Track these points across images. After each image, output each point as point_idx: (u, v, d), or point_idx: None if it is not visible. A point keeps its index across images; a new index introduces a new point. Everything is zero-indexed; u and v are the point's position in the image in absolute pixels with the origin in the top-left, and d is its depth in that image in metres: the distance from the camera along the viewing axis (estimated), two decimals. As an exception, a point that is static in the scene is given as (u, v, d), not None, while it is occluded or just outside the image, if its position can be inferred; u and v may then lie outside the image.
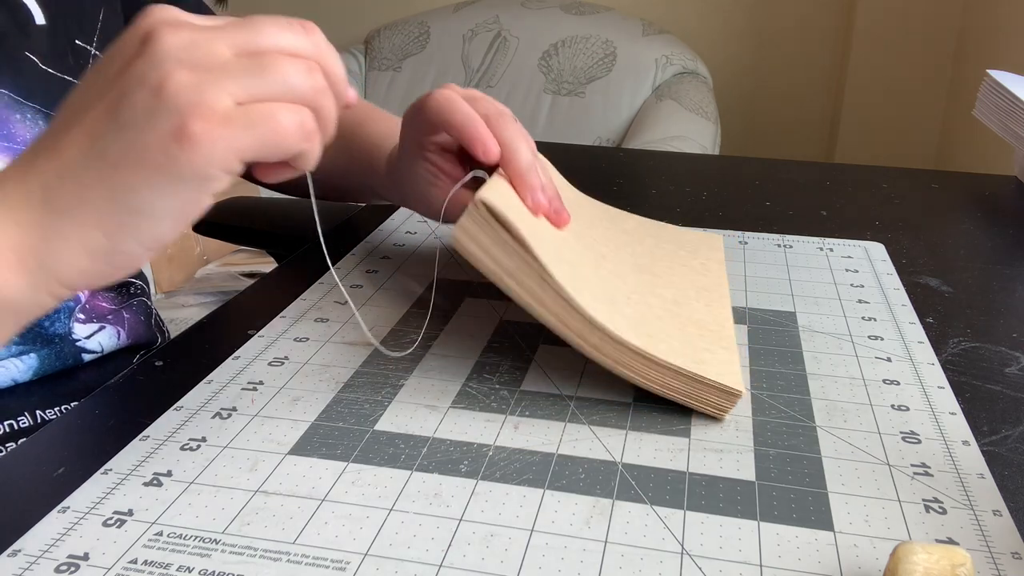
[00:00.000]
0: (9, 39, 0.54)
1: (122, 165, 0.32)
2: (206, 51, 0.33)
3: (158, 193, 0.33)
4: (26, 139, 0.55)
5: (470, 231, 0.42)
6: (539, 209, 0.48)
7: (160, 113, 0.32)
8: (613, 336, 0.42)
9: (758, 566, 0.33)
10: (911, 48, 2.08)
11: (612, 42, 2.02)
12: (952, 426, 0.42)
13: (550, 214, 0.48)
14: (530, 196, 0.47)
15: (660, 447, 0.41)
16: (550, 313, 0.43)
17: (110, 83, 0.33)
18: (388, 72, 2.16)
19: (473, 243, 0.43)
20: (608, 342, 0.43)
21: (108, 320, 0.62)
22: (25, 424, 0.56)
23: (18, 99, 0.54)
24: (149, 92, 0.32)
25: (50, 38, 0.56)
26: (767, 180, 0.86)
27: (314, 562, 0.33)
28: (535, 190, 0.48)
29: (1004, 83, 0.84)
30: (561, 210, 0.49)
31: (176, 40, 0.32)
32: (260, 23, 0.35)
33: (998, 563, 0.33)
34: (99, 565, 0.33)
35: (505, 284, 0.43)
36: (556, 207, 0.49)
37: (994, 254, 0.67)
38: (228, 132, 0.32)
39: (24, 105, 0.55)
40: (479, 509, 0.36)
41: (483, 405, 0.44)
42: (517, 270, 0.42)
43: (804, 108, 2.28)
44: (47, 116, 0.56)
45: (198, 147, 0.32)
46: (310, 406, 0.44)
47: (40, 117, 0.56)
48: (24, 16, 0.55)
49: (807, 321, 0.54)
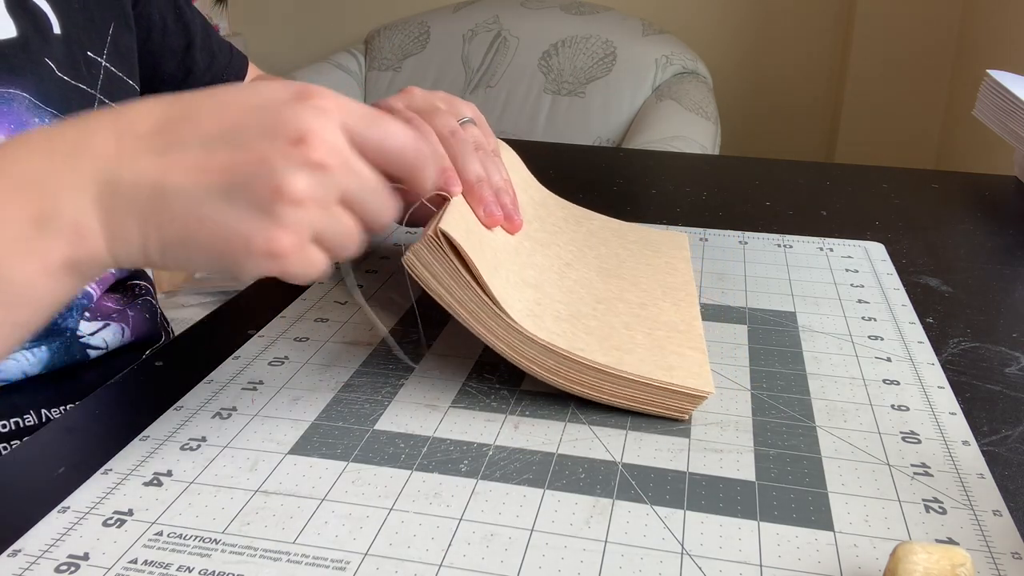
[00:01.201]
0: (31, 44, 0.55)
1: (205, 230, 0.34)
2: (333, 188, 0.35)
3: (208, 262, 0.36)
4: None
5: (424, 259, 0.43)
6: (492, 221, 0.48)
7: (264, 218, 0.34)
8: (572, 358, 0.42)
9: (758, 566, 0.33)
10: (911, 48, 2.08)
11: (612, 42, 2.02)
12: (952, 426, 0.42)
13: (502, 223, 0.49)
14: (481, 209, 0.48)
15: (660, 447, 0.41)
16: (501, 342, 0.43)
17: (249, 141, 0.35)
18: (388, 72, 2.16)
19: (426, 271, 0.43)
20: (565, 364, 0.43)
21: (113, 318, 0.62)
22: (31, 422, 0.57)
23: (37, 103, 0.55)
24: (268, 190, 0.34)
25: (65, 47, 0.57)
26: (767, 180, 0.86)
27: (314, 562, 0.33)
28: (486, 203, 0.48)
29: (1004, 83, 0.84)
30: (512, 215, 0.50)
31: (322, 156, 0.35)
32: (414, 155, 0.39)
33: (998, 563, 0.33)
34: (99, 565, 0.33)
35: (455, 311, 0.43)
36: (508, 213, 0.49)
37: (994, 254, 0.67)
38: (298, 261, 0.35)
39: (43, 110, 0.55)
40: (479, 509, 0.36)
41: (483, 405, 0.44)
42: (469, 301, 0.43)
43: (804, 108, 2.28)
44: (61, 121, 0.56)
45: (271, 261, 0.35)
46: (310, 406, 0.44)
47: (55, 121, 0.56)
48: (44, 24, 0.56)
49: (807, 321, 0.54)
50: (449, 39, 2.14)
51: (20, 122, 0.54)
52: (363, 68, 2.21)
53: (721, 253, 0.65)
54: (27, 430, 0.56)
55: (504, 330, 0.43)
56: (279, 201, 0.34)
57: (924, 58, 2.08)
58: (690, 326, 0.49)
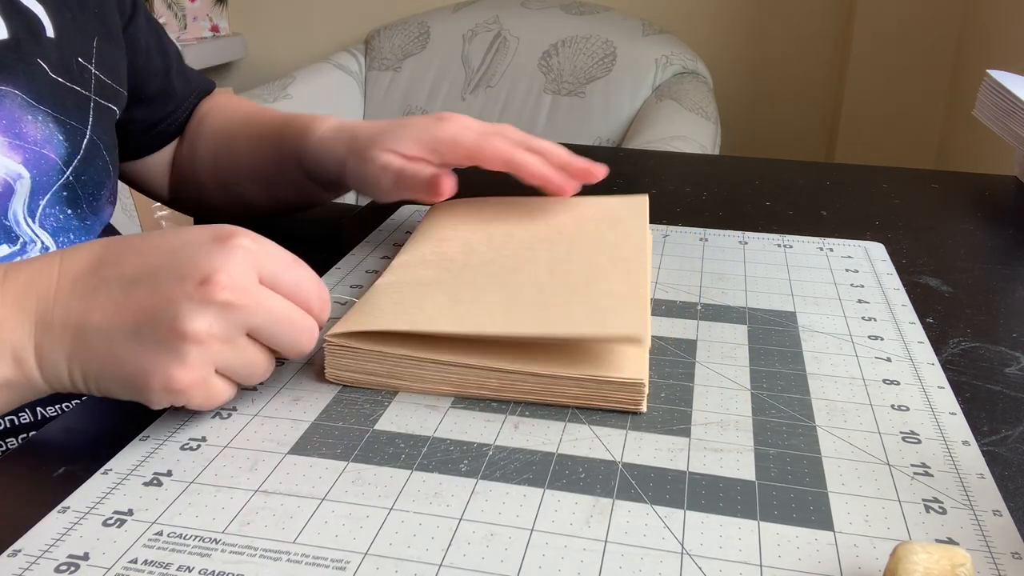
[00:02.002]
0: (24, 45, 0.57)
1: (116, 365, 0.39)
2: (238, 325, 0.39)
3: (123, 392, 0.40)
4: (37, 140, 0.57)
5: (339, 366, 0.45)
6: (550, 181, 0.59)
7: (166, 355, 0.38)
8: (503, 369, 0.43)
9: (758, 566, 0.33)
10: (911, 48, 2.08)
11: (612, 42, 2.02)
12: (952, 426, 0.42)
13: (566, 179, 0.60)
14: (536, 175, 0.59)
15: (660, 447, 0.41)
16: (449, 385, 0.44)
17: (161, 283, 0.39)
18: (388, 72, 2.16)
19: (348, 372, 0.45)
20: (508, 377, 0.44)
21: None
22: (26, 420, 0.57)
23: (30, 101, 0.57)
24: (169, 330, 0.38)
25: (58, 50, 0.59)
26: (767, 180, 0.86)
27: (314, 562, 0.33)
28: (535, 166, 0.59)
29: (1004, 83, 0.84)
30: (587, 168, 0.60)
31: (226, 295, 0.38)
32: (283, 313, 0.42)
33: (998, 563, 0.33)
34: (99, 565, 0.33)
35: (395, 386, 0.45)
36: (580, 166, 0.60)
37: (994, 254, 0.67)
38: (198, 393, 0.39)
39: (36, 108, 0.57)
40: (479, 508, 0.36)
41: (483, 404, 0.44)
42: (396, 367, 0.44)
43: (804, 108, 2.28)
44: (56, 119, 0.58)
45: (171, 396, 0.39)
46: (310, 406, 0.44)
47: (50, 120, 0.58)
48: (37, 27, 0.58)
49: (807, 321, 0.54)
50: (449, 39, 2.14)
51: (13, 118, 0.56)
52: (363, 68, 2.21)
53: (721, 253, 0.65)
54: (23, 428, 0.56)
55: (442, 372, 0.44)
56: (180, 340, 0.38)
57: (924, 58, 2.08)
58: (635, 291, 0.48)
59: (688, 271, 0.61)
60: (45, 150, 0.58)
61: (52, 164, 0.58)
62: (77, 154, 0.60)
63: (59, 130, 0.59)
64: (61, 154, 0.59)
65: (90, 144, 0.61)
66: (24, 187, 0.56)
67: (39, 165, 0.57)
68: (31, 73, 0.57)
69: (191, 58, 2.37)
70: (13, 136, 0.56)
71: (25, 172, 0.56)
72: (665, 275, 0.61)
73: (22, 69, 0.56)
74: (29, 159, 0.57)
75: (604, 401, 0.43)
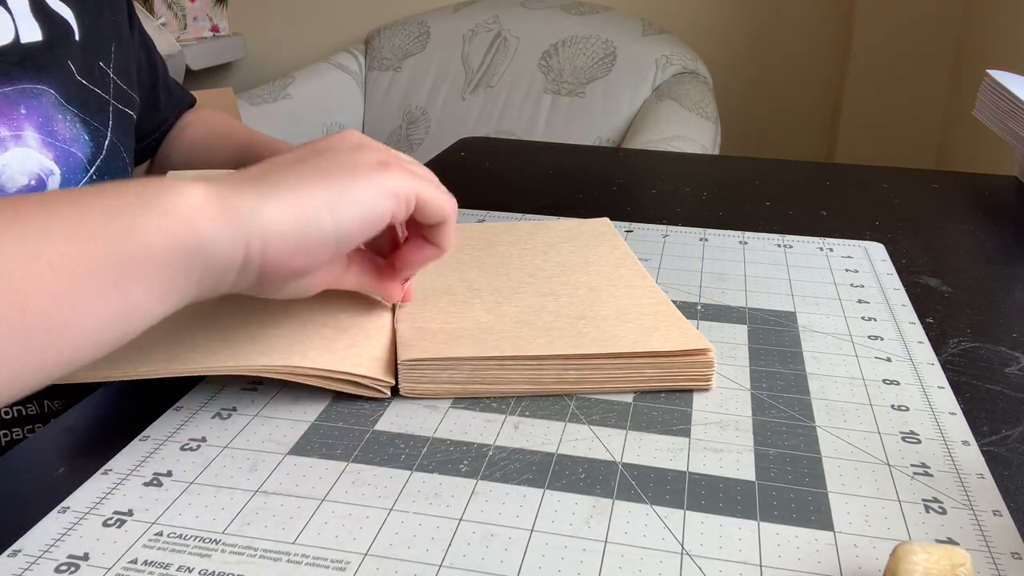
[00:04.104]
0: (56, 46, 0.59)
1: (338, 170, 0.41)
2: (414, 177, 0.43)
3: (359, 186, 0.41)
4: (67, 139, 0.59)
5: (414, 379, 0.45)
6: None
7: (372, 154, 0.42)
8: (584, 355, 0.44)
9: (758, 566, 0.33)
10: (911, 48, 2.08)
11: (612, 42, 2.02)
12: (952, 426, 0.42)
13: None
14: None
15: (660, 447, 0.41)
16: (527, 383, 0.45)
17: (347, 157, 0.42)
18: (388, 72, 2.16)
19: (425, 383, 0.45)
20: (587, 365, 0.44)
21: None
22: (32, 411, 0.58)
23: (61, 101, 0.59)
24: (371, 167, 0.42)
25: (83, 53, 0.61)
26: (767, 180, 0.86)
27: (314, 562, 0.33)
28: None
29: (1004, 83, 0.84)
30: None
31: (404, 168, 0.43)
32: None
33: (998, 563, 0.33)
34: (99, 565, 0.33)
35: (474, 392, 0.45)
36: None
37: (994, 254, 0.67)
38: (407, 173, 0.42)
39: (65, 108, 0.59)
40: (479, 509, 0.36)
41: (483, 405, 0.44)
42: (475, 371, 0.44)
43: (804, 108, 2.28)
44: (82, 120, 0.60)
45: (390, 172, 0.42)
46: (310, 406, 0.44)
47: (77, 120, 0.60)
48: (67, 29, 0.60)
49: (807, 321, 0.54)
50: (449, 39, 2.14)
51: (47, 116, 0.58)
52: (363, 68, 2.21)
53: (721, 253, 0.65)
54: (29, 418, 0.57)
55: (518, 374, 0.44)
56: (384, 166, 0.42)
57: (924, 58, 2.08)
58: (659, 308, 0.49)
59: (688, 271, 0.61)
60: (73, 148, 0.60)
61: (78, 162, 0.60)
62: (100, 155, 0.62)
63: (85, 130, 0.60)
64: (87, 153, 0.61)
65: (111, 145, 0.63)
66: (54, 184, 0.58)
67: (68, 163, 0.59)
68: (63, 74, 0.59)
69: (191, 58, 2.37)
70: (46, 134, 0.58)
71: (56, 169, 0.58)
72: (665, 275, 0.61)
73: (55, 70, 0.58)
74: (59, 156, 0.58)
75: (675, 381, 0.45)
